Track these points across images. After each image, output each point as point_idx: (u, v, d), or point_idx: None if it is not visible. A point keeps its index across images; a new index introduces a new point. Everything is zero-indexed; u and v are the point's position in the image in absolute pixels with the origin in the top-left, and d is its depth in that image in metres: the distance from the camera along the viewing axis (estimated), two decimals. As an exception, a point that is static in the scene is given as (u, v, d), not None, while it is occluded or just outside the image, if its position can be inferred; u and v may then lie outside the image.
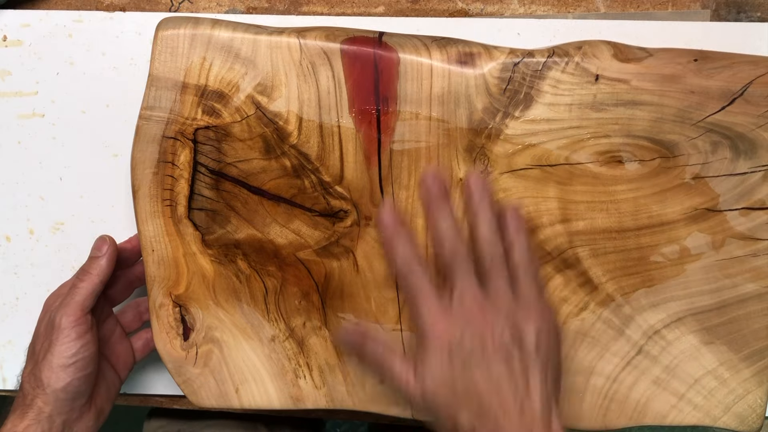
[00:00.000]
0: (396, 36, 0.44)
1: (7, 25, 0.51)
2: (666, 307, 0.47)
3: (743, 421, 0.48)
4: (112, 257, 0.47)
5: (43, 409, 0.45)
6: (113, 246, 0.47)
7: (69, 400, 0.45)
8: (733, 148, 0.44)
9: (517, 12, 0.50)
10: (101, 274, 0.46)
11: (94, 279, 0.46)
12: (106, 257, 0.47)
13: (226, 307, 0.49)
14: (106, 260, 0.47)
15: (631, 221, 0.45)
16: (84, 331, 0.45)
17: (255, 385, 0.49)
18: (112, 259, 0.47)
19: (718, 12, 0.49)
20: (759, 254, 0.45)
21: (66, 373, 0.45)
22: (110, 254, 0.47)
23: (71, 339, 0.45)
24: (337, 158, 0.45)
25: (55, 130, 0.52)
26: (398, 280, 0.44)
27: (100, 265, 0.46)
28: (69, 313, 0.45)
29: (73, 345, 0.45)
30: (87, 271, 0.47)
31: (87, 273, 0.46)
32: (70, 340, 0.45)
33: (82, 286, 0.46)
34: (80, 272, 0.47)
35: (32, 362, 0.46)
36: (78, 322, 0.45)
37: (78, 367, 0.45)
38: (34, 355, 0.47)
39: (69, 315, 0.45)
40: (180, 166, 0.45)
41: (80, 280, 0.46)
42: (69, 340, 0.45)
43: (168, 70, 0.44)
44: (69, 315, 0.45)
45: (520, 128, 0.44)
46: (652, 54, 0.43)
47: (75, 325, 0.45)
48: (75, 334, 0.45)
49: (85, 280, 0.46)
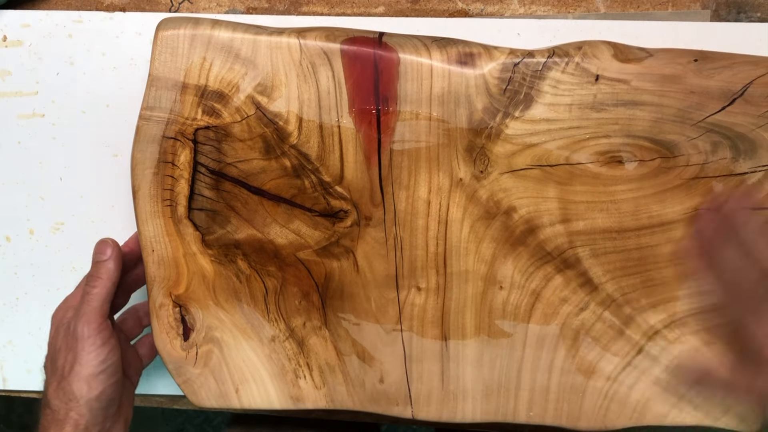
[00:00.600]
0: (396, 36, 0.44)
1: (7, 25, 0.51)
2: (666, 307, 0.47)
3: (743, 422, 0.48)
4: (118, 259, 0.46)
5: (79, 421, 0.44)
6: (117, 247, 0.46)
7: (103, 408, 0.45)
8: (733, 149, 0.44)
9: (517, 12, 0.50)
10: (112, 277, 0.45)
11: (106, 283, 0.45)
12: (113, 259, 0.46)
13: (226, 307, 0.49)
14: (114, 262, 0.46)
15: (631, 221, 0.45)
16: (108, 336, 0.45)
17: (255, 385, 0.49)
18: (118, 260, 0.46)
19: (718, 12, 0.49)
20: (759, 254, 0.45)
21: (98, 381, 0.44)
22: (116, 256, 0.46)
23: (97, 346, 0.44)
24: (337, 158, 0.45)
25: (55, 130, 0.52)
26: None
27: (109, 268, 0.46)
28: (90, 321, 0.44)
29: (100, 352, 0.44)
30: (96, 276, 0.45)
31: (97, 278, 0.45)
32: (96, 348, 0.44)
33: (95, 293, 0.45)
34: (89, 278, 0.46)
35: (57, 378, 0.45)
36: (100, 328, 0.44)
37: (108, 374, 0.45)
38: (57, 371, 0.45)
39: (90, 323, 0.44)
40: (180, 166, 0.45)
41: (92, 286, 0.45)
42: (95, 347, 0.44)
43: (168, 70, 0.44)
44: (90, 323, 0.44)
45: (520, 128, 0.44)
46: (652, 54, 0.43)
47: (98, 332, 0.44)
48: (100, 340, 0.44)
49: (97, 286, 0.45)
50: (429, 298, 0.47)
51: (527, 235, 0.46)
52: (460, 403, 0.49)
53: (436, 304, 0.47)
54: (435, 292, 0.47)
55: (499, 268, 0.47)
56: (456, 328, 0.48)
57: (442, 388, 0.49)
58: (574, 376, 0.48)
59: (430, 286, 0.47)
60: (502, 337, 0.48)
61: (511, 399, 0.49)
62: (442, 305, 0.47)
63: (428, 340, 0.48)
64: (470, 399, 0.49)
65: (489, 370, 0.48)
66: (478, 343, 0.48)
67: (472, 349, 0.48)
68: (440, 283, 0.47)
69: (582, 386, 0.48)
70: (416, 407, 0.49)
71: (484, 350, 0.48)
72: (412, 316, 0.48)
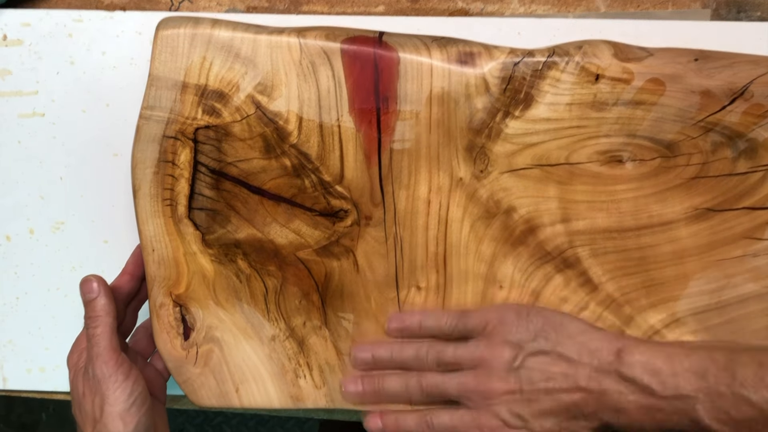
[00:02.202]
0: (396, 36, 0.44)
1: (7, 24, 0.51)
2: (666, 307, 0.47)
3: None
4: (107, 292, 0.45)
5: None
6: (102, 281, 0.46)
7: None
8: (734, 148, 0.44)
9: (517, 11, 0.50)
10: (109, 312, 0.45)
11: (106, 319, 0.45)
12: (102, 295, 0.45)
13: (227, 307, 0.49)
14: (105, 297, 0.45)
15: (631, 221, 0.45)
16: (128, 369, 0.45)
17: (255, 385, 0.49)
18: (108, 293, 0.45)
19: (719, 11, 0.49)
20: (759, 254, 0.45)
21: (131, 415, 0.44)
22: (104, 290, 0.45)
23: (121, 382, 0.44)
24: (337, 158, 0.45)
25: (55, 129, 0.52)
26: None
27: (102, 304, 0.45)
28: (106, 361, 0.44)
29: (126, 386, 0.44)
30: (93, 316, 0.45)
31: (95, 317, 0.45)
32: (121, 383, 0.44)
33: (99, 333, 0.45)
34: (87, 320, 0.45)
35: (90, 423, 0.45)
36: (118, 363, 0.44)
37: (139, 405, 0.44)
38: (88, 416, 0.45)
39: (107, 363, 0.44)
40: (180, 166, 0.45)
41: (93, 327, 0.45)
42: (119, 383, 0.44)
43: (168, 70, 0.44)
44: (107, 363, 0.44)
45: (520, 128, 0.44)
46: (653, 53, 0.43)
47: (117, 367, 0.44)
48: (122, 376, 0.44)
49: (99, 325, 0.45)
50: (429, 298, 0.47)
51: (527, 234, 0.46)
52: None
53: (436, 303, 0.47)
54: (435, 292, 0.47)
55: (499, 268, 0.47)
56: (456, 327, 0.48)
57: (442, 388, 0.49)
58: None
59: (430, 285, 0.47)
60: (502, 336, 0.48)
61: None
62: (442, 305, 0.47)
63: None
64: (470, 398, 0.49)
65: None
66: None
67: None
68: (440, 283, 0.47)
69: (582, 386, 0.48)
70: (416, 406, 0.49)
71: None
72: (412, 316, 0.48)
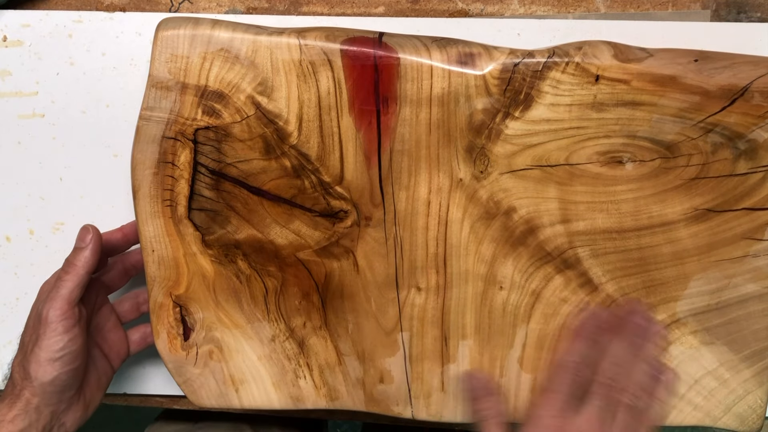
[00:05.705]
0: (396, 36, 0.44)
1: (7, 25, 0.51)
2: (666, 307, 0.47)
3: (743, 422, 0.48)
4: (96, 248, 0.46)
5: (31, 400, 0.45)
6: (97, 236, 0.47)
7: (57, 392, 0.45)
8: (734, 149, 0.44)
9: (517, 12, 0.50)
10: (86, 266, 0.46)
11: (80, 271, 0.46)
12: (90, 248, 0.46)
13: (227, 308, 0.49)
14: (90, 251, 0.46)
15: (631, 222, 0.45)
16: (71, 325, 0.45)
17: (255, 385, 0.49)
18: (96, 249, 0.46)
19: (718, 12, 0.49)
20: (759, 254, 0.45)
21: (53, 368, 0.44)
22: (94, 245, 0.46)
23: (58, 333, 0.44)
24: (337, 158, 0.45)
25: (55, 130, 0.52)
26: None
27: (85, 257, 0.46)
28: (56, 307, 0.45)
29: (60, 339, 0.44)
30: (72, 263, 0.46)
31: (72, 265, 0.46)
32: (57, 334, 0.44)
33: (67, 279, 0.45)
34: (66, 264, 0.46)
35: (22, 353, 0.46)
36: (65, 315, 0.45)
37: (65, 361, 0.45)
38: (23, 347, 0.46)
39: (56, 309, 0.45)
40: (180, 167, 0.45)
41: (65, 272, 0.46)
42: (56, 334, 0.44)
43: (168, 71, 0.44)
44: (56, 309, 0.45)
45: (520, 128, 0.44)
46: (653, 54, 0.43)
47: (62, 318, 0.45)
48: (62, 328, 0.45)
49: (70, 272, 0.46)
50: (429, 298, 0.47)
51: (527, 235, 0.46)
52: (460, 404, 0.49)
53: (436, 304, 0.47)
54: (435, 292, 0.47)
55: (499, 269, 0.47)
56: (456, 328, 0.48)
57: (442, 389, 0.49)
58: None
59: (430, 286, 0.47)
60: (503, 337, 0.48)
61: (511, 399, 0.49)
62: (442, 305, 0.47)
63: (428, 340, 0.48)
64: (470, 399, 0.49)
65: (489, 370, 0.48)
66: (478, 343, 0.48)
67: (472, 350, 0.48)
68: (440, 283, 0.47)
69: (582, 386, 0.48)
70: (416, 407, 0.49)
71: (484, 350, 0.48)
72: (412, 316, 0.48)
